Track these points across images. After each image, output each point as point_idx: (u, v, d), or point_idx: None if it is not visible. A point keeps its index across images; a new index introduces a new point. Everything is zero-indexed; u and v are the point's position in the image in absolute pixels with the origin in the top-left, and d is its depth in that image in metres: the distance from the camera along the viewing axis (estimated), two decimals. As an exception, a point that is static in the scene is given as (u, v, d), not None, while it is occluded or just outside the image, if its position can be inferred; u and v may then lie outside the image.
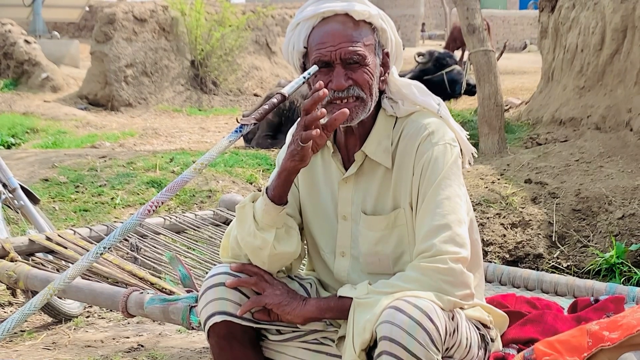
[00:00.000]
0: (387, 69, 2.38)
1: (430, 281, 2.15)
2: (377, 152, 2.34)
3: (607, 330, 2.14)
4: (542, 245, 5.51)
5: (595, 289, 3.19)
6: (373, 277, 2.33)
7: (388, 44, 2.38)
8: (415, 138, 2.31)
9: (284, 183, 2.29)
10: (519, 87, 15.19)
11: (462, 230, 2.22)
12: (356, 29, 2.29)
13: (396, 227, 2.34)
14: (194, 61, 15.45)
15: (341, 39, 2.27)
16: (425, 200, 2.25)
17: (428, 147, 2.28)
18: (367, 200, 2.38)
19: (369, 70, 2.28)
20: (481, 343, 2.38)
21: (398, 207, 2.33)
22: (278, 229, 2.33)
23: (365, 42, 2.29)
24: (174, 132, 11.83)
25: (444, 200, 2.23)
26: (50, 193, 6.62)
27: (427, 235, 2.21)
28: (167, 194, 2.21)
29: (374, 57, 2.31)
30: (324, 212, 2.46)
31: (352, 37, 2.28)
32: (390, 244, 2.35)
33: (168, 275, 3.43)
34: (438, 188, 2.24)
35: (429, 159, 2.27)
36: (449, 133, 2.33)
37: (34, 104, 13.61)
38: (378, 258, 2.37)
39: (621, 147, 6.71)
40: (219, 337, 2.35)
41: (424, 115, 2.36)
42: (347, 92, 2.27)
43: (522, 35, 30.33)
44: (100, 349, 4.08)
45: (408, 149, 2.31)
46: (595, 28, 7.51)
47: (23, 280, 3.30)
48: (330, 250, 2.46)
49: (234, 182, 7.02)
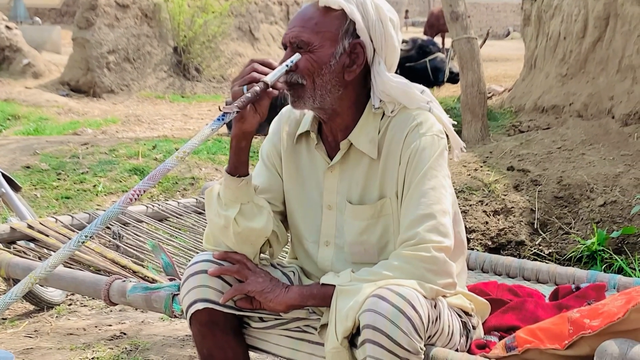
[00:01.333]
0: (358, 61, 2.31)
1: (413, 269, 2.15)
2: (362, 142, 2.33)
3: (588, 317, 2.16)
4: (524, 232, 5.53)
5: (577, 277, 3.21)
6: (358, 266, 2.32)
7: (364, 35, 2.30)
8: (403, 128, 2.30)
9: (235, 152, 2.30)
10: (502, 74, 15.23)
11: (446, 220, 2.23)
12: (320, 15, 2.28)
13: (382, 216, 2.34)
14: (177, 48, 15.39)
15: (295, 23, 2.29)
16: (411, 189, 2.25)
17: (415, 137, 2.28)
18: (353, 189, 2.38)
19: (312, 58, 2.26)
20: (463, 330, 2.39)
21: (384, 197, 2.33)
22: (243, 205, 2.32)
23: (321, 29, 2.27)
24: (157, 119, 11.79)
25: (429, 191, 2.23)
26: (31, 180, 6.58)
27: (411, 224, 2.21)
28: (150, 182, 2.20)
29: (329, 46, 2.27)
30: (309, 202, 2.45)
31: (305, 22, 2.28)
32: (376, 233, 2.35)
33: (150, 263, 3.42)
34: (424, 178, 2.24)
35: (416, 149, 2.26)
36: (437, 125, 2.32)
37: (15, 90, 13.52)
38: (363, 247, 2.37)
39: (603, 134, 6.74)
40: (201, 325, 2.36)
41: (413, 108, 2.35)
42: (291, 77, 2.27)
43: (505, 22, 30.40)
44: (82, 337, 4.07)
45: (396, 138, 2.30)
46: (578, 16, 7.54)
47: (4, 268, 3.28)
48: (314, 239, 2.46)
49: (216, 169, 7.01)
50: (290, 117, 2.51)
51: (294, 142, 2.47)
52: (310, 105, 2.32)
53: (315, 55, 2.27)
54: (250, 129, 2.26)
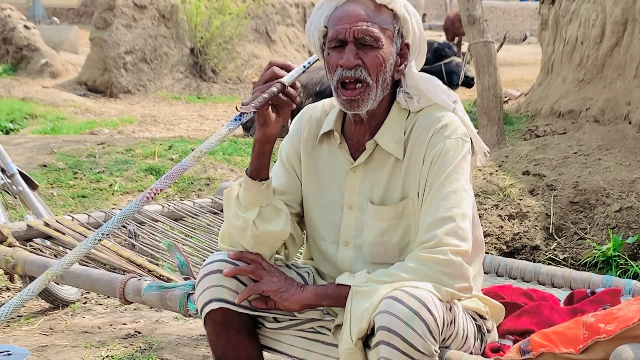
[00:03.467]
0: (404, 60, 2.35)
1: (429, 272, 2.15)
2: (389, 143, 2.34)
3: (603, 322, 2.15)
4: (539, 237, 5.52)
5: (592, 282, 3.19)
6: (377, 267, 2.32)
7: (409, 35, 2.35)
8: (428, 130, 2.30)
9: (258, 155, 2.31)
10: (519, 78, 15.18)
11: (465, 224, 2.22)
12: (376, 12, 2.28)
13: (404, 217, 2.34)
14: (194, 49, 15.42)
15: (358, 19, 2.26)
16: (432, 192, 2.25)
17: (440, 139, 2.28)
18: (375, 190, 2.38)
19: (380, 55, 2.27)
20: (477, 334, 2.38)
21: (406, 197, 2.33)
22: (262, 208, 2.33)
23: (383, 27, 2.28)
24: (173, 119, 11.82)
25: (450, 193, 2.23)
26: (48, 179, 6.62)
27: (430, 226, 2.21)
28: (166, 181, 2.21)
29: (389, 44, 2.29)
30: (328, 202, 2.45)
31: (369, 18, 2.27)
32: (397, 234, 2.35)
33: (166, 262, 3.44)
34: (445, 181, 2.24)
35: (440, 151, 2.26)
36: (461, 127, 2.32)
37: (33, 89, 13.58)
38: (384, 248, 2.37)
39: (619, 140, 6.71)
40: (216, 324, 2.36)
41: (439, 108, 2.35)
42: (354, 73, 2.26)
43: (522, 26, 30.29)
44: (97, 335, 4.08)
45: (420, 139, 2.31)
46: (596, 20, 7.50)
47: (21, 265, 3.30)
48: (333, 240, 2.46)
49: (232, 170, 7.02)
50: (312, 117, 2.51)
51: (316, 142, 2.47)
52: (369, 107, 2.30)
53: (382, 52, 2.28)
54: (273, 133, 2.27)
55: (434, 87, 2.36)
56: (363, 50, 2.26)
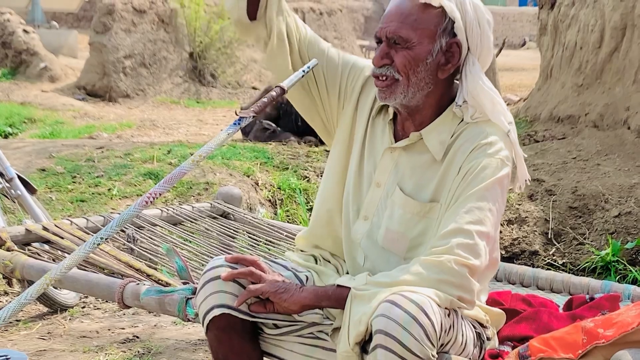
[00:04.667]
0: (454, 59, 2.32)
1: (430, 276, 2.14)
2: (433, 140, 2.34)
3: (602, 327, 2.15)
4: (538, 242, 5.52)
5: (591, 287, 3.19)
6: (384, 252, 2.35)
7: (462, 34, 2.30)
8: (472, 141, 2.29)
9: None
10: (518, 84, 15.20)
11: (481, 241, 2.19)
12: (418, 11, 2.28)
13: (426, 218, 2.33)
14: (193, 53, 15.44)
15: (393, 18, 2.28)
16: (457, 203, 2.24)
17: (481, 155, 2.26)
18: (407, 178, 2.38)
19: (410, 55, 2.27)
20: (477, 341, 2.38)
21: (436, 201, 2.33)
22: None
23: (420, 26, 2.27)
24: (172, 124, 11.82)
25: (474, 209, 2.21)
26: (47, 183, 6.61)
27: (446, 234, 2.20)
28: (165, 185, 2.21)
29: (428, 43, 2.28)
30: (364, 172, 2.47)
31: (405, 18, 2.27)
32: (415, 230, 2.34)
33: (164, 266, 3.43)
34: (474, 196, 2.22)
35: (477, 165, 2.25)
36: (506, 150, 2.30)
37: (32, 93, 13.59)
38: (397, 237, 2.36)
39: (618, 145, 6.72)
40: (218, 330, 2.35)
41: (492, 125, 2.33)
42: (383, 70, 2.29)
43: (521, 31, 30.35)
44: (95, 340, 4.08)
45: (463, 148, 2.29)
46: (595, 26, 7.52)
47: (19, 269, 3.30)
48: (355, 209, 2.47)
49: (231, 174, 7.02)
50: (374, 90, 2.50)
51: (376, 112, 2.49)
52: (399, 100, 2.32)
53: (413, 52, 2.28)
54: None
55: (494, 104, 2.33)
56: (395, 49, 2.29)
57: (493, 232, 2.26)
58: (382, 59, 2.29)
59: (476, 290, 2.21)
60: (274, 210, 6.54)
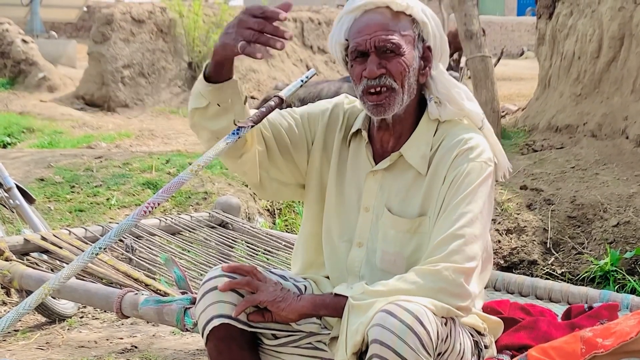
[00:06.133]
0: (428, 64, 2.37)
1: (427, 285, 2.15)
2: (414, 157, 2.35)
3: (601, 337, 2.15)
4: (536, 251, 5.52)
5: (590, 296, 3.19)
6: (384, 274, 2.33)
7: (430, 38, 2.37)
8: (453, 150, 2.32)
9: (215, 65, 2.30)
10: (516, 93, 15.21)
11: (474, 245, 2.22)
12: (394, 20, 2.31)
13: (418, 233, 2.34)
14: (192, 63, 15.44)
15: (377, 28, 2.29)
16: (447, 211, 2.26)
17: (464, 161, 2.29)
18: (393, 198, 2.39)
19: (403, 61, 2.29)
20: (474, 349, 2.38)
21: (424, 215, 2.34)
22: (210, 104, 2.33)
23: (402, 33, 2.30)
24: (170, 133, 11.81)
25: (465, 214, 2.24)
26: (45, 193, 6.60)
27: (439, 243, 2.22)
28: (164, 195, 2.21)
29: (411, 49, 2.32)
30: (347, 201, 2.47)
31: (388, 27, 2.29)
32: (409, 248, 2.35)
33: (163, 276, 3.43)
34: (462, 202, 2.25)
35: (462, 172, 2.28)
36: (487, 152, 2.34)
37: (31, 103, 13.58)
38: (394, 258, 2.37)
39: (617, 154, 6.73)
40: (218, 340, 2.34)
41: (467, 129, 2.37)
42: (379, 81, 2.29)
43: (519, 41, 30.36)
44: (93, 350, 4.07)
45: (444, 159, 2.32)
46: (593, 35, 7.53)
47: (17, 279, 3.29)
48: (347, 239, 2.46)
49: (229, 184, 7.01)
50: (347, 112, 2.52)
51: (348, 138, 2.49)
52: (394, 111, 2.32)
53: (405, 59, 2.30)
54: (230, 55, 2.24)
55: (466, 95, 2.40)
56: (386, 58, 2.29)
57: (484, 233, 2.29)
58: (378, 69, 2.29)
59: (473, 296, 2.23)
60: (272, 219, 6.55)
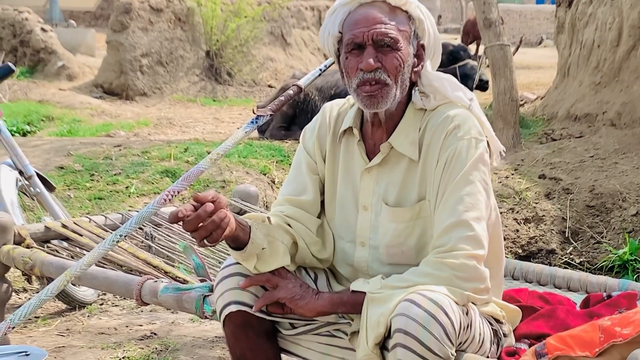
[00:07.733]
0: (421, 61, 2.37)
1: (442, 275, 2.15)
2: (403, 144, 2.34)
3: (619, 326, 2.15)
4: (555, 240, 5.50)
5: (608, 285, 3.19)
6: (395, 267, 2.33)
7: (424, 36, 2.37)
8: (441, 130, 2.30)
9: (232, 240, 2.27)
10: (535, 82, 15.12)
11: (479, 227, 2.22)
12: (391, 15, 2.30)
13: (420, 218, 2.34)
14: (209, 52, 15.44)
15: (374, 21, 2.28)
16: (446, 195, 2.25)
17: (453, 140, 2.28)
18: (390, 191, 2.38)
19: (399, 57, 2.28)
20: (494, 338, 2.38)
21: (423, 199, 2.33)
22: (259, 254, 2.31)
23: (400, 28, 2.29)
24: (189, 122, 11.84)
25: (464, 197, 2.23)
26: (65, 181, 6.64)
27: (445, 230, 2.21)
28: (183, 183, 2.23)
29: (407, 45, 2.31)
30: (345, 201, 2.46)
31: (386, 21, 2.28)
32: (414, 235, 2.35)
33: (182, 264, 3.45)
34: (459, 183, 2.24)
35: (453, 152, 2.26)
36: (476, 127, 2.32)
37: (50, 92, 13.64)
38: (401, 249, 2.36)
39: (636, 143, 6.69)
40: (235, 326, 2.36)
41: (451, 106, 2.35)
42: (374, 74, 2.27)
43: (538, 30, 30.18)
44: (113, 336, 4.10)
45: (434, 140, 2.31)
46: (613, 24, 7.48)
47: (38, 266, 3.33)
48: (350, 239, 2.46)
49: (247, 173, 7.03)
50: (333, 114, 2.51)
51: (338, 139, 2.48)
52: (387, 105, 2.31)
53: (401, 54, 2.29)
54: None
55: (450, 84, 2.37)
56: (382, 52, 2.27)
57: (485, 213, 2.26)
58: (375, 62, 2.27)
59: (487, 276, 2.22)
60: (290, 208, 6.54)
